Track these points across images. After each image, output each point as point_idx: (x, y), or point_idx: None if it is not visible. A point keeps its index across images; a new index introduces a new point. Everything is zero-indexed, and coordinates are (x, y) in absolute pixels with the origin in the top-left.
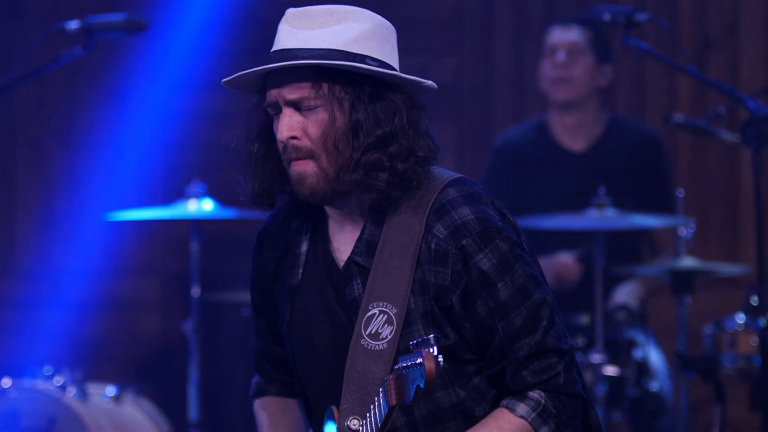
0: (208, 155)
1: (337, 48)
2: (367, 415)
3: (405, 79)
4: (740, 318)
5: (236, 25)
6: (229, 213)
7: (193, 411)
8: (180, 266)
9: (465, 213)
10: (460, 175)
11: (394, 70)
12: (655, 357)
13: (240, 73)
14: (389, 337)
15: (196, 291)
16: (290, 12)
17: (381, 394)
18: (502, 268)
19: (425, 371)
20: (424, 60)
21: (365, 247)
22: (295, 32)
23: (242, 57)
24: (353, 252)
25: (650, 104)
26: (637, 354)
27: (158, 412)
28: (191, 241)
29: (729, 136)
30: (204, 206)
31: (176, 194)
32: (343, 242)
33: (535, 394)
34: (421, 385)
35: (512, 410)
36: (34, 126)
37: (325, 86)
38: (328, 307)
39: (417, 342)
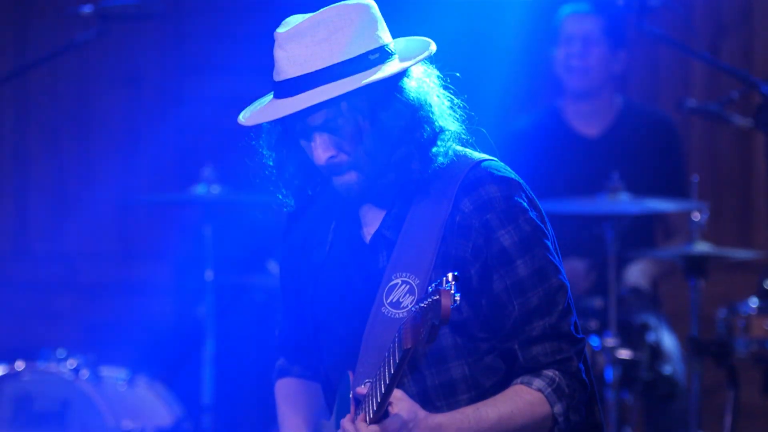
0: (221, 139)
1: (340, 60)
2: (378, 372)
3: (411, 65)
4: (753, 302)
5: (248, 9)
6: (241, 196)
7: (206, 394)
8: (193, 250)
9: (493, 190)
10: (492, 157)
11: (391, 49)
12: (668, 340)
13: (263, 120)
14: (409, 306)
15: (209, 274)
16: (279, 36)
17: (395, 341)
18: (522, 246)
19: (441, 307)
20: None
21: (394, 221)
22: (293, 57)
23: (254, 42)
24: (381, 225)
25: (663, 89)
26: (650, 337)
27: (171, 396)
28: (204, 225)
29: (742, 121)
30: (217, 190)
31: (189, 178)
32: (372, 218)
33: (549, 372)
34: (437, 323)
35: (528, 384)
36: (46, 110)
37: (344, 104)
38: (352, 282)
39: (435, 283)
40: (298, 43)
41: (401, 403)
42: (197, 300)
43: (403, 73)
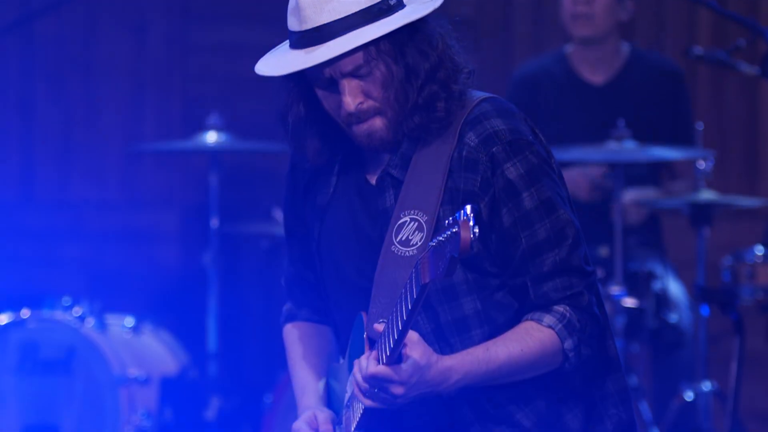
0: (228, 87)
1: (366, 6)
2: (394, 308)
3: (435, 6)
4: (759, 250)
5: None
6: (248, 144)
7: (211, 342)
8: (199, 198)
9: (497, 123)
10: (494, 95)
11: None
12: (674, 289)
13: (297, 69)
14: (419, 244)
15: (215, 222)
16: None
17: (413, 275)
18: (529, 178)
19: (460, 240)
20: None
21: (400, 160)
22: (318, 5)
23: None
24: (388, 165)
25: (670, 37)
26: (656, 286)
27: (177, 343)
28: (210, 173)
29: (749, 69)
30: (222, 138)
31: (195, 126)
32: (377, 160)
33: (560, 308)
34: (456, 255)
35: (539, 321)
36: (52, 57)
37: (372, 49)
38: (357, 222)
39: (453, 217)
40: None
41: (416, 346)
42: (203, 248)
43: (426, 16)
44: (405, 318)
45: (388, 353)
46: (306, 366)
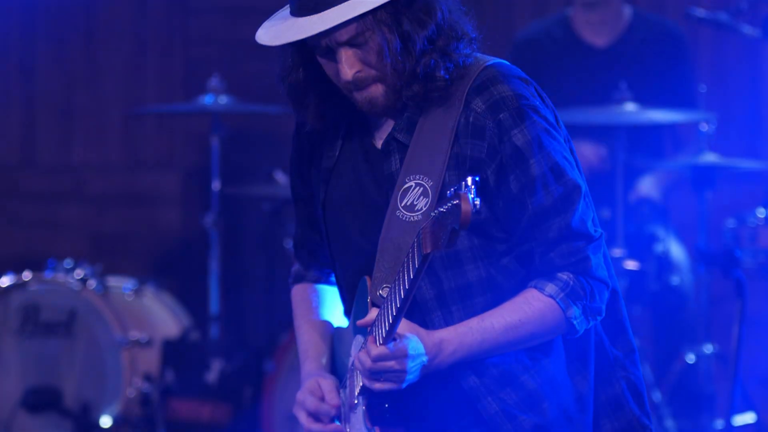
0: (229, 49)
1: None
2: (397, 277)
3: None
4: (761, 212)
5: None
6: (249, 107)
7: (213, 304)
8: (200, 160)
9: (504, 89)
10: (500, 60)
11: None
12: (676, 251)
13: (291, 40)
14: (424, 209)
15: (216, 185)
16: None
17: (415, 245)
18: (536, 145)
19: (461, 212)
20: None
21: (406, 124)
22: None
23: None
24: (394, 129)
25: None
26: (658, 248)
27: (178, 306)
28: (212, 135)
29: (751, 31)
30: (224, 100)
31: (197, 88)
32: (383, 124)
33: (563, 276)
34: (456, 227)
35: (541, 290)
36: (53, 20)
37: (369, 18)
38: (362, 186)
39: (455, 188)
40: None
41: (402, 326)
42: (204, 210)
43: None
44: (407, 286)
45: (388, 326)
46: (310, 329)
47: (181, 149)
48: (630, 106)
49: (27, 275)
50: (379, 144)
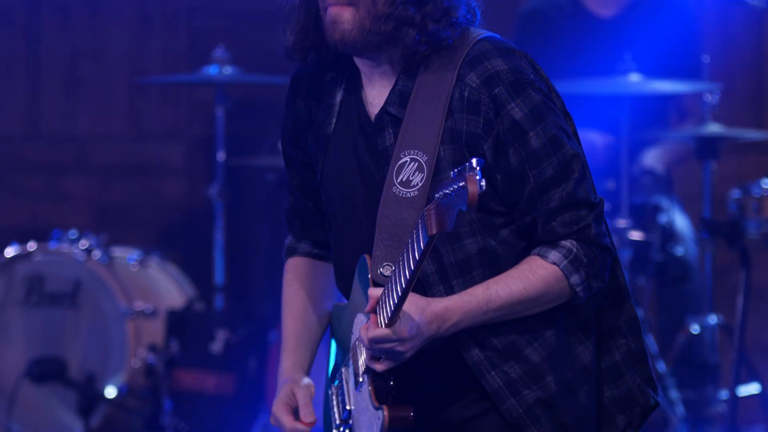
0: (234, 20)
1: None
2: (401, 257)
3: None
4: (765, 183)
5: None
6: (254, 77)
7: (218, 275)
8: (205, 131)
9: (498, 63)
10: (494, 33)
11: None
12: (680, 222)
13: None
14: (420, 185)
15: (221, 155)
16: None
17: (420, 227)
18: (533, 117)
19: (468, 195)
20: None
21: (398, 97)
22: None
23: None
24: (386, 102)
25: None
26: (662, 219)
27: (183, 276)
28: (217, 106)
29: (755, 1)
30: (229, 71)
31: (202, 59)
32: (376, 95)
33: (566, 243)
34: (464, 209)
35: (544, 257)
36: None
37: None
38: (359, 157)
39: (459, 169)
40: None
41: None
42: (209, 181)
43: None
44: (413, 268)
45: (392, 307)
46: (290, 317)
47: (186, 120)
48: (635, 77)
49: (32, 246)
50: (372, 117)
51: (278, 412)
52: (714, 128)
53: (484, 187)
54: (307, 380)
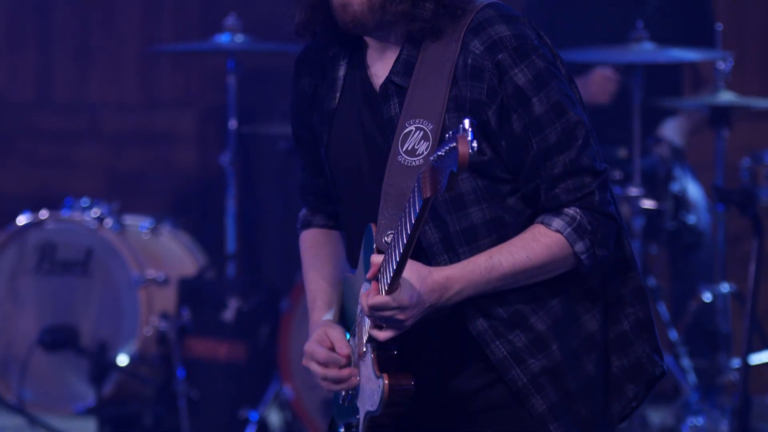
0: None
1: None
2: (399, 223)
3: None
4: None
5: None
6: (266, 45)
7: (230, 243)
8: (217, 99)
9: (501, 29)
10: (497, 0)
11: None
12: (692, 190)
13: None
14: (425, 153)
15: (233, 123)
16: None
17: (415, 190)
18: (537, 83)
19: (458, 155)
20: None
21: (403, 66)
22: None
23: None
24: (391, 72)
25: None
26: (675, 187)
27: (195, 244)
28: (228, 74)
29: None
30: (240, 39)
31: (214, 27)
32: (381, 67)
33: (570, 210)
34: (454, 170)
35: (548, 225)
36: None
37: None
38: (364, 128)
39: (453, 131)
40: None
41: (407, 268)
42: (221, 149)
43: None
44: (410, 231)
45: (392, 273)
46: (318, 277)
47: (198, 88)
48: (647, 45)
49: (44, 214)
50: (377, 87)
51: (311, 349)
52: (726, 96)
53: (475, 148)
54: (339, 326)
